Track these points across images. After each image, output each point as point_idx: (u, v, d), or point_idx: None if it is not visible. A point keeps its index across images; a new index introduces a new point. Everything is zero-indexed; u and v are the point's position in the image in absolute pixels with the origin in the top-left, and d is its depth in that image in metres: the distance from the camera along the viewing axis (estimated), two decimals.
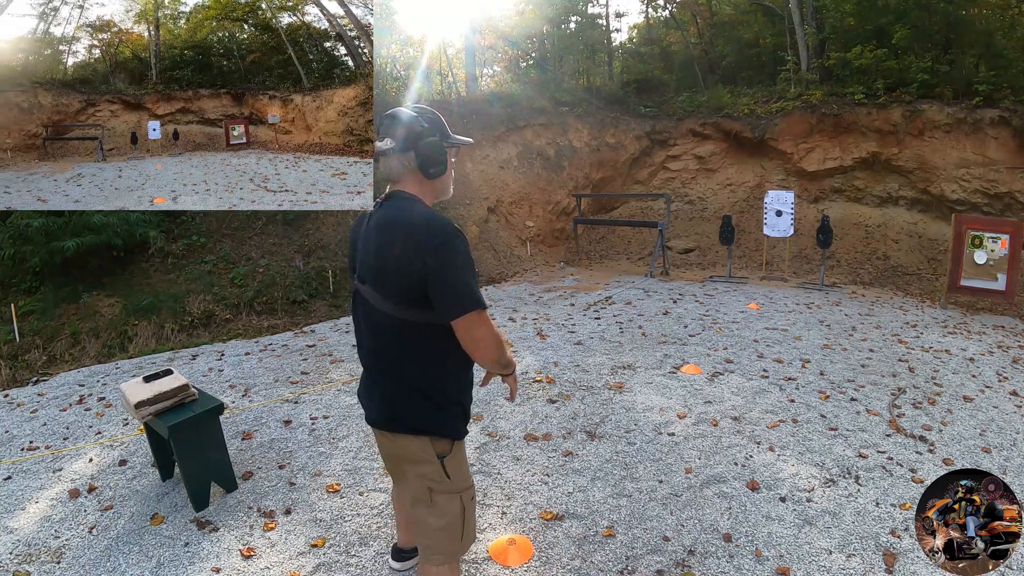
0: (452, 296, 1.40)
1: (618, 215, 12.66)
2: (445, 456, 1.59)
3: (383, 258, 1.47)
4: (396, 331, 1.51)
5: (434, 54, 16.05)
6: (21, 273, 6.16)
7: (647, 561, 2.31)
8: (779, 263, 9.62)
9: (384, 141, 1.53)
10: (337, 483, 2.94)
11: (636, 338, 5.46)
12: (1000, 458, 3.14)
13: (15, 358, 5.10)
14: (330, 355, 5.10)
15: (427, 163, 1.51)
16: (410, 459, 1.61)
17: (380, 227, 1.50)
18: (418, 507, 1.66)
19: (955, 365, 4.68)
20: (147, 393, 2.65)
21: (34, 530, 2.61)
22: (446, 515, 1.62)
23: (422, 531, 1.67)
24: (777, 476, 2.94)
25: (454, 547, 1.67)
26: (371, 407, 1.66)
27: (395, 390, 1.57)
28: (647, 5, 17.88)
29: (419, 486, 1.63)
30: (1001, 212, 9.39)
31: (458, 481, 1.63)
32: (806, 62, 12.26)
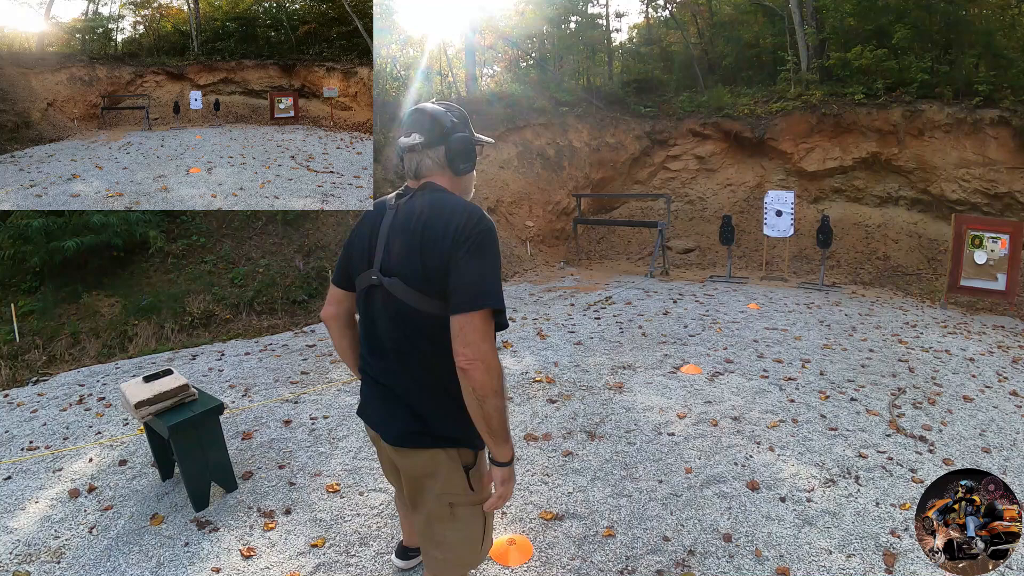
0: (474, 284, 1.30)
1: (618, 215, 12.67)
2: (471, 467, 1.49)
3: (424, 246, 1.35)
4: (425, 327, 1.39)
5: (434, 54, 16.07)
6: (21, 273, 6.16)
7: (647, 561, 2.31)
8: (779, 263, 9.62)
9: (411, 136, 1.46)
10: (337, 483, 2.94)
11: (636, 338, 5.46)
12: (1000, 458, 3.14)
13: (15, 358, 5.10)
14: (330, 355, 5.10)
15: (458, 158, 1.46)
16: (431, 476, 1.49)
17: (420, 214, 1.39)
18: (434, 524, 1.54)
19: (955, 365, 4.68)
20: (147, 393, 2.65)
21: (34, 530, 2.61)
22: (468, 527, 1.54)
23: (440, 546, 1.55)
24: (777, 476, 2.94)
25: (474, 557, 1.60)
26: (392, 424, 1.49)
27: (422, 396, 1.45)
28: (647, 5, 17.93)
29: (438, 504, 1.51)
30: (1001, 212, 9.39)
31: (481, 493, 1.53)
32: (806, 62, 12.27)
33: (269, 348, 5.39)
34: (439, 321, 1.36)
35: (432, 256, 1.34)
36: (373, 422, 1.56)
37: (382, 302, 1.44)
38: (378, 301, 1.46)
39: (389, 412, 1.50)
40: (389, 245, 1.43)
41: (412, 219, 1.40)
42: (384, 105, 11.08)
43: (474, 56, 15.09)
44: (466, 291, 1.29)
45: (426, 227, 1.36)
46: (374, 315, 1.48)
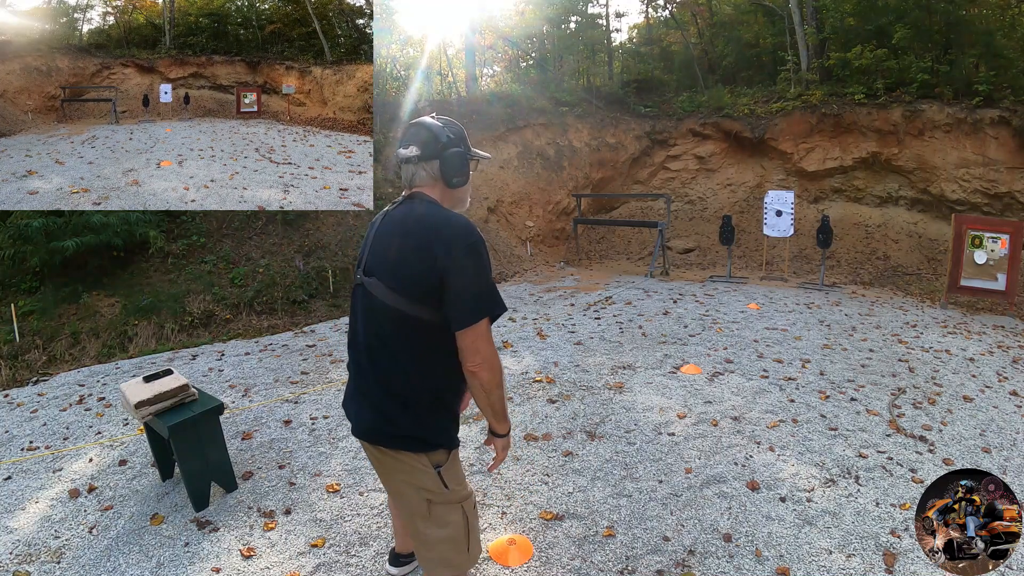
0: (473, 299, 1.41)
1: (618, 215, 12.66)
2: (442, 466, 1.55)
3: (403, 251, 1.46)
4: (397, 326, 1.48)
5: (434, 54, 16.05)
6: (21, 273, 6.15)
7: (647, 561, 2.31)
8: (779, 263, 9.62)
9: (409, 148, 1.55)
10: (337, 483, 2.94)
11: (636, 338, 5.46)
12: (1000, 458, 3.14)
13: (15, 358, 5.10)
14: (330, 355, 5.10)
15: (451, 172, 1.54)
16: (405, 472, 1.56)
17: (404, 221, 1.50)
18: (416, 521, 1.60)
19: (955, 365, 4.68)
20: (147, 393, 2.65)
21: (34, 530, 2.61)
22: (448, 525, 1.58)
23: (425, 545, 1.61)
24: (777, 476, 2.94)
25: (460, 559, 1.62)
26: (361, 417, 1.59)
27: (388, 394, 1.52)
28: (647, 5, 17.92)
29: (416, 499, 1.57)
30: (1001, 212, 9.39)
31: (457, 491, 1.59)
32: (806, 62, 12.26)
33: (269, 348, 5.39)
34: (409, 321, 1.46)
35: (411, 263, 1.44)
36: (350, 415, 1.65)
37: (362, 300, 1.56)
38: (360, 299, 1.57)
39: (359, 404, 1.60)
40: (374, 248, 1.56)
41: (396, 226, 1.52)
42: (384, 105, 11.08)
43: (474, 56, 15.09)
44: (467, 305, 1.41)
45: (406, 235, 1.47)
46: (356, 311, 1.59)
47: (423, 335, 1.48)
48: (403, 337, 1.48)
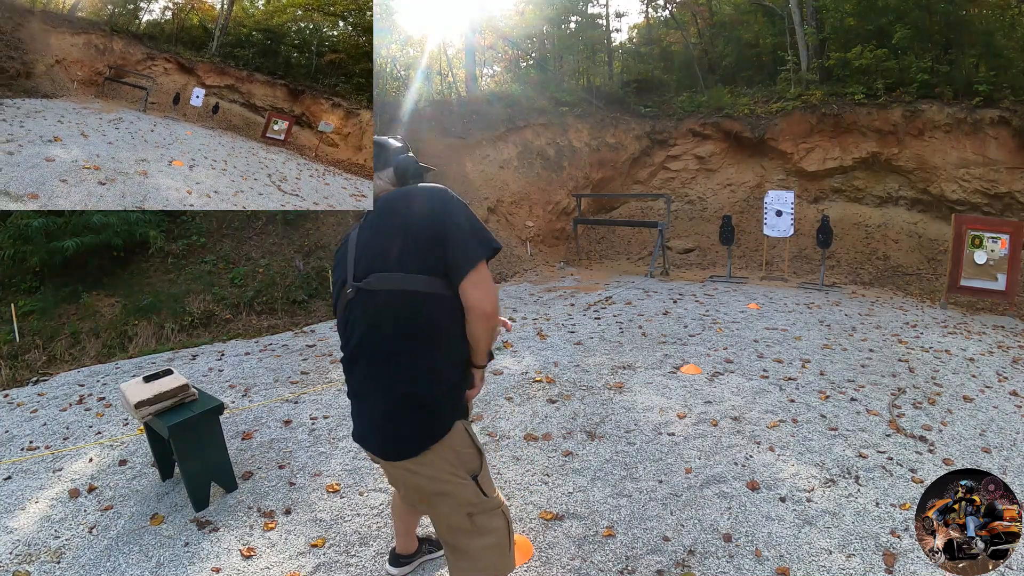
0: (473, 239, 1.48)
1: (618, 215, 12.66)
2: (477, 474, 1.57)
3: (407, 226, 1.51)
4: (408, 320, 1.47)
5: (434, 54, 16.05)
6: (21, 273, 6.15)
7: (647, 561, 2.31)
8: (779, 263, 9.62)
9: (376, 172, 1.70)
10: (337, 483, 2.94)
11: (636, 338, 5.46)
12: (1000, 458, 3.14)
13: (15, 358, 5.10)
14: (330, 355, 5.10)
15: (405, 174, 1.65)
16: (442, 491, 1.54)
17: (387, 210, 1.57)
18: (459, 538, 1.57)
19: (955, 365, 4.68)
20: (147, 393, 2.65)
21: (34, 530, 2.61)
22: (492, 532, 1.58)
23: (468, 557, 1.58)
24: (777, 476, 2.94)
25: (505, 562, 1.61)
26: (385, 437, 1.54)
27: (401, 397, 1.49)
28: (647, 5, 17.91)
29: (457, 516, 1.55)
30: (1001, 212, 9.39)
31: (495, 497, 1.61)
32: (806, 62, 12.26)
33: (269, 348, 5.39)
34: (428, 305, 1.47)
35: (420, 229, 1.49)
36: (367, 441, 1.61)
37: (362, 307, 1.53)
38: (359, 307, 1.54)
39: (370, 423, 1.58)
40: (361, 253, 1.57)
41: (381, 218, 1.57)
42: (384, 105, 11.08)
43: (474, 56, 15.09)
44: (464, 255, 1.46)
45: (398, 213, 1.54)
46: (355, 325, 1.56)
47: (434, 320, 1.49)
48: (414, 332, 1.48)
